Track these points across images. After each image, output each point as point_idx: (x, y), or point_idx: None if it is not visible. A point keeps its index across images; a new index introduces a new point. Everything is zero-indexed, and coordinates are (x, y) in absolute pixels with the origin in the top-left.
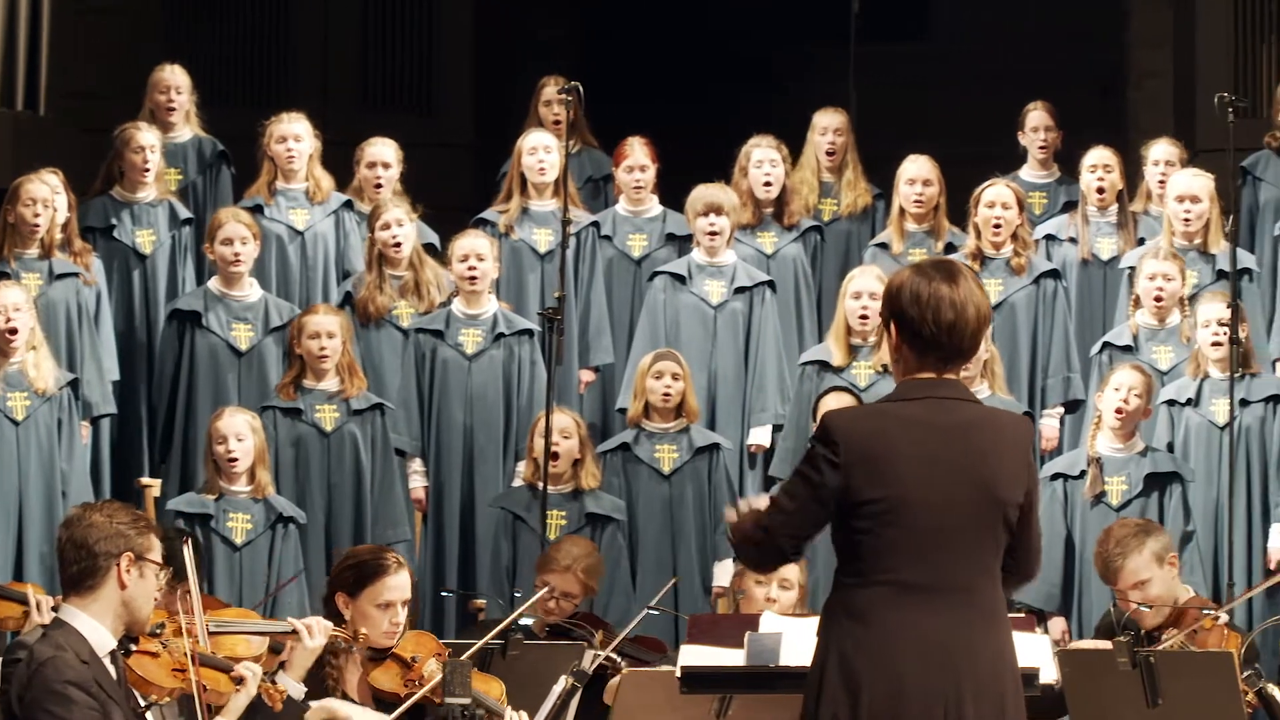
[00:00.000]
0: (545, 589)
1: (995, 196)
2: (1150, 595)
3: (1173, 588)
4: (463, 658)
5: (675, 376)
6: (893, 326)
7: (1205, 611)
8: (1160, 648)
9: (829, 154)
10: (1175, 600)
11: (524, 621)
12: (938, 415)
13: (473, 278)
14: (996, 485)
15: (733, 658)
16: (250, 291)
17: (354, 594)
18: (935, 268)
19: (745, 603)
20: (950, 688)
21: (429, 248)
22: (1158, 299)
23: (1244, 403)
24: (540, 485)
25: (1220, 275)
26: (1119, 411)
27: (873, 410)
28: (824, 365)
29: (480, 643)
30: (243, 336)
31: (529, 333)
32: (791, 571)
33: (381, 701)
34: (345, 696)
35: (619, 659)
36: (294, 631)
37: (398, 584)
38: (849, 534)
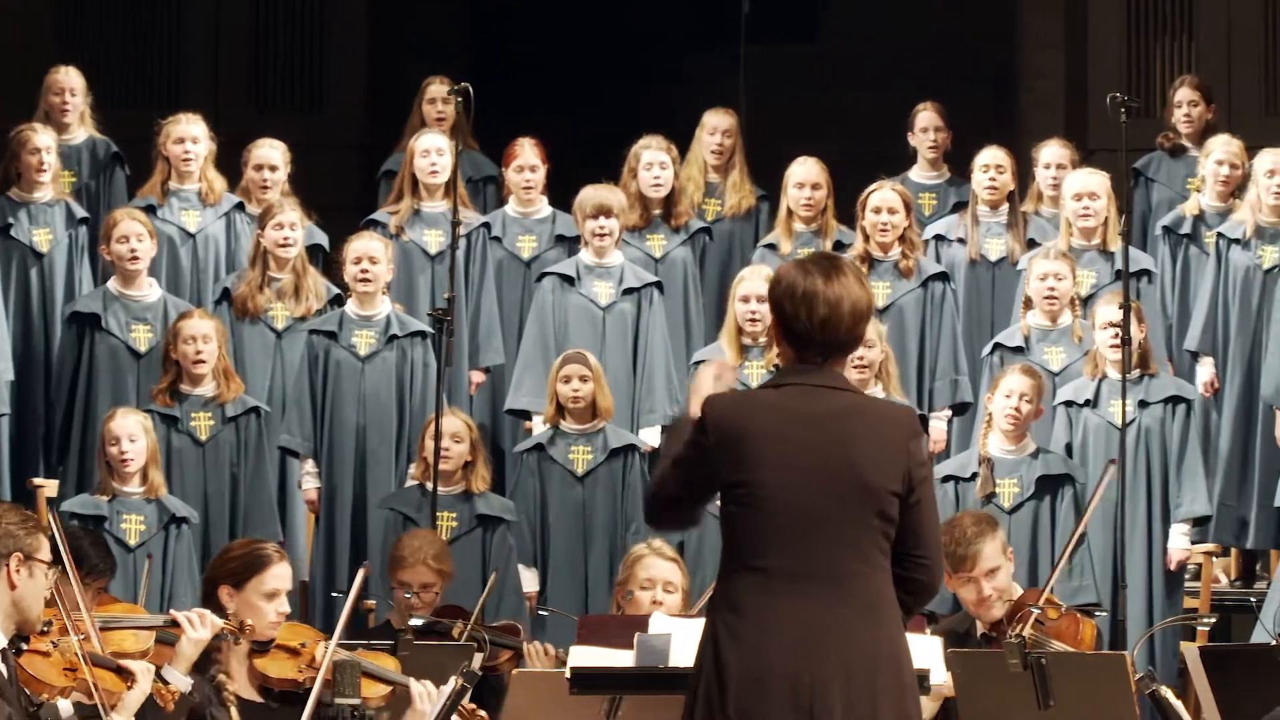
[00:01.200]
0: (401, 588)
1: (882, 201)
2: (999, 585)
3: (1011, 583)
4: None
5: (584, 379)
6: (773, 320)
7: (1036, 608)
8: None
9: (715, 155)
10: (1012, 595)
11: (414, 621)
12: (805, 401)
13: (366, 279)
14: (863, 470)
15: (622, 659)
16: (149, 291)
17: (239, 585)
18: (815, 263)
19: (630, 606)
20: (817, 677)
21: (316, 249)
22: (1049, 299)
23: (1143, 404)
24: (430, 486)
25: (1120, 275)
26: (1010, 417)
27: (741, 395)
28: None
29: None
30: (142, 338)
31: (422, 334)
32: (675, 575)
33: (270, 692)
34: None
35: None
36: (178, 624)
37: (282, 573)
38: (723, 520)
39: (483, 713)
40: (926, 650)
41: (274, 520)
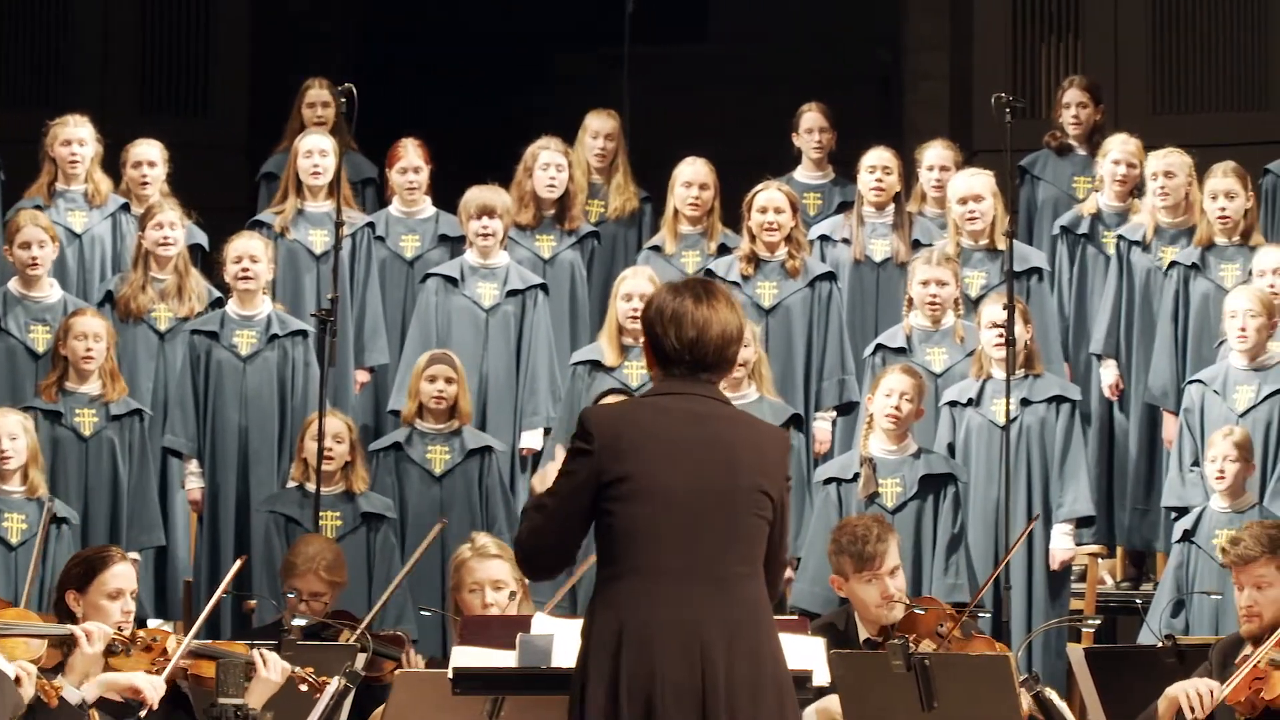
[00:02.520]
0: (292, 595)
1: (768, 201)
2: (900, 585)
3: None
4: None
5: (449, 380)
6: (645, 341)
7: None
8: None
9: (599, 157)
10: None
11: (298, 621)
12: (687, 405)
13: (247, 279)
14: (745, 475)
15: (504, 659)
16: (50, 293)
17: (83, 589)
18: (687, 286)
19: (466, 610)
20: (705, 679)
21: (196, 249)
22: (931, 304)
23: (1026, 403)
24: (310, 486)
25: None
26: (891, 417)
27: (619, 403)
28: (596, 365)
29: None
30: (40, 339)
31: (303, 334)
32: (503, 572)
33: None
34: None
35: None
36: (73, 636)
37: (123, 572)
38: (602, 517)
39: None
40: (809, 651)
41: (158, 527)
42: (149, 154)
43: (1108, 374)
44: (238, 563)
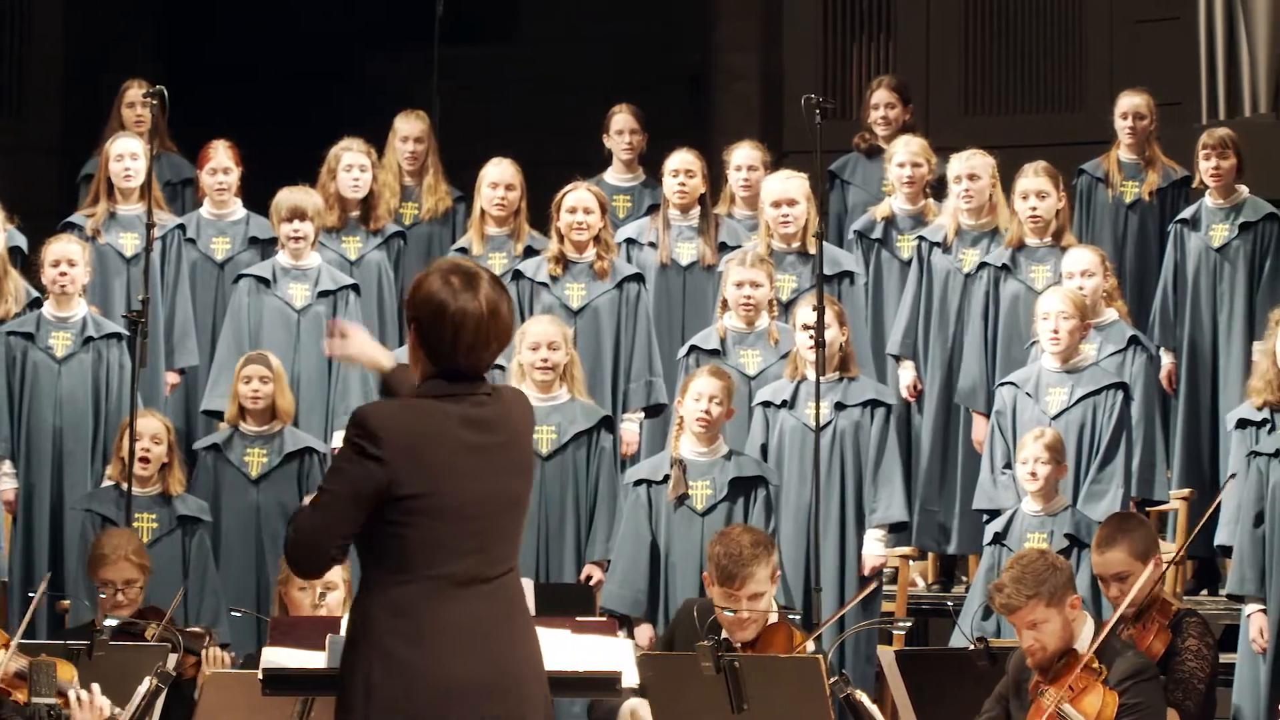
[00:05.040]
0: (104, 587)
1: (577, 201)
2: (759, 609)
3: (773, 605)
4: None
5: (264, 379)
6: (411, 327)
7: (796, 626)
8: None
9: (409, 159)
10: (765, 620)
11: (109, 622)
12: (468, 409)
13: (64, 282)
14: (519, 476)
15: (314, 659)
16: None
17: None
18: (453, 272)
19: (292, 607)
20: (498, 679)
21: (15, 251)
22: (745, 306)
23: (840, 406)
24: (126, 486)
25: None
26: (701, 421)
27: (410, 404)
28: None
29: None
30: None
31: (117, 336)
32: (335, 572)
33: None
34: None
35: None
36: None
37: None
38: (390, 528)
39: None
40: (617, 652)
41: None
42: None
43: (905, 375)
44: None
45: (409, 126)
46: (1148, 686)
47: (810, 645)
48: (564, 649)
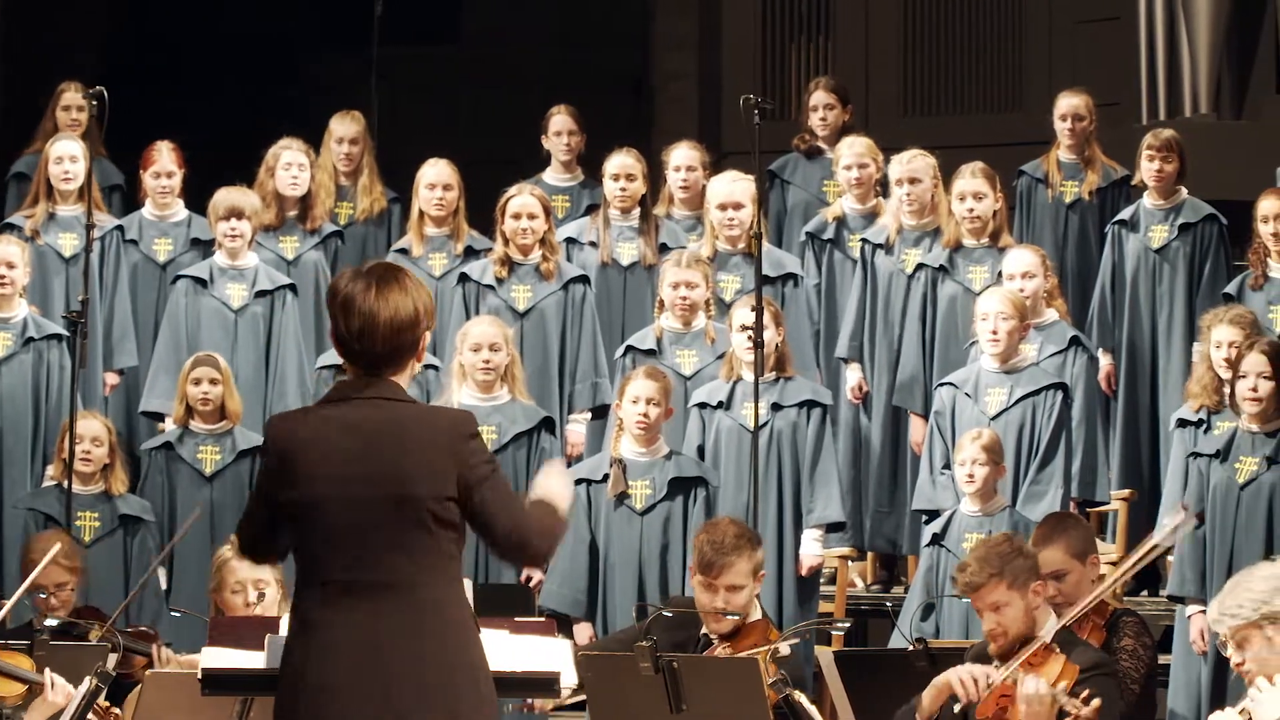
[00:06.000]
0: (37, 590)
1: (521, 207)
2: (737, 602)
3: (753, 604)
4: None
5: (213, 381)
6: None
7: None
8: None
9: (345, 160)
10: (749, 615)
11: (49, 622)
12: (355, 414)
13: (3, 283)
14: (405, 482)
15: (253, 660)
16: None
17: None
18: (369, 271)
19: (226, 610)
20: (381, 689)
21: None
22: (682, 305)
23: (776, 407)
24: (69, 486)
25: (763, 278)
26: (640, 423)
27: (299, 411)
28: (341, 369)
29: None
30: None
31: (57, 337)
32: (265, 572)
33: None
34: None
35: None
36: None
37: None
38: (292, 535)
39: (117, 710)
40: (555, 653)
41: None
42: None
43: (852, 377)
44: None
45: (344, 128)
46: (1106, 681)
47: (784, 648)
48: (502, 650)
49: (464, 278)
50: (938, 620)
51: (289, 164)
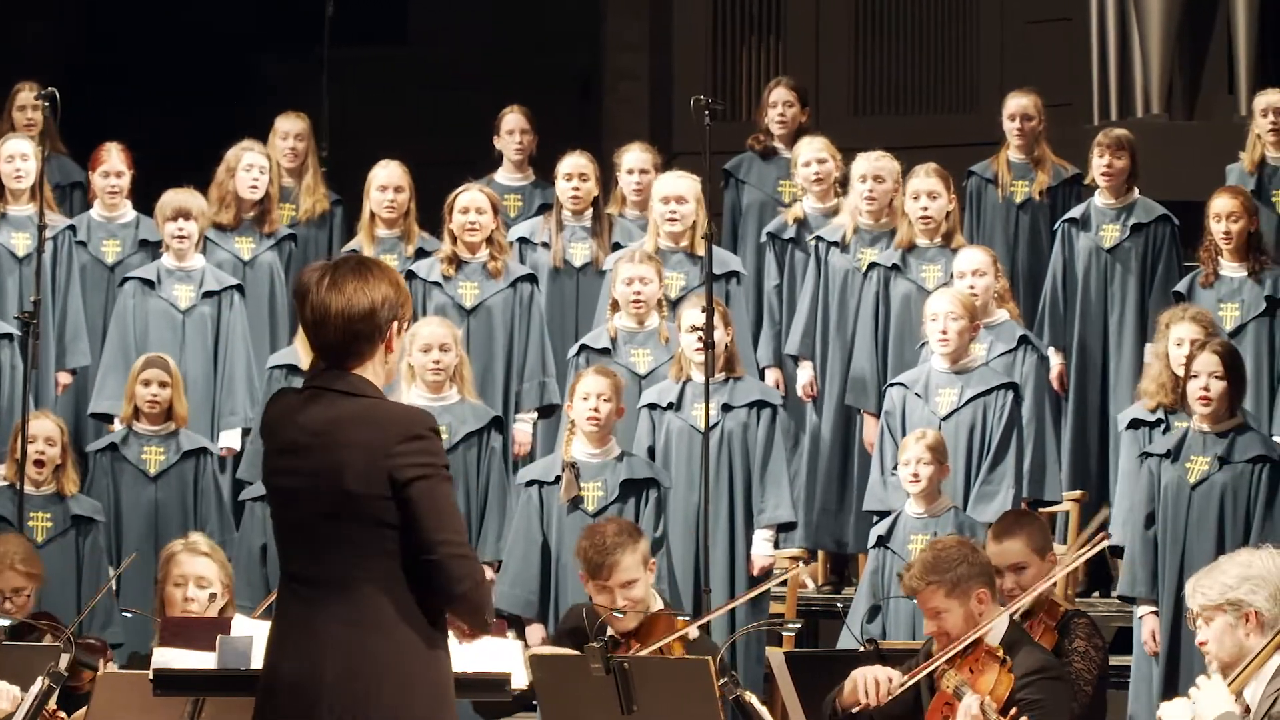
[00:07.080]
0: None
1: (469, 202)
2: (634, 596)
3: (649, 594)
4: None
5: (163, 384)
6: None
7: (682, 618)
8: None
9: (289, 159)
10: (649, 607)
11: (2, 623)
12: (310, 406)
13: None
14: (347, 478)
15: (205, 660)
16: None
17: None
18: (334, 265)
19: (168, 605)
20: (311, 685)
21: None
22: (635, 302)
23: (727, 407)
24: (20, 487)
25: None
26: (592, 420)
27: (274, 400)
28: (293, 369)
29: None
30: None
31: (9, 336)
32: (208, 569)
33: None
34: None
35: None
36: None
37: None
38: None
39: (63, 714)
40: (505, 654)
41: None
42: None
43: (802, 375)
44: None
45: (289, 125)
46: (1050, 685)
47: (694, 631)
48: (453, 650)
49: (410, 275)
50: (884, 621)
51: (250, 165)
